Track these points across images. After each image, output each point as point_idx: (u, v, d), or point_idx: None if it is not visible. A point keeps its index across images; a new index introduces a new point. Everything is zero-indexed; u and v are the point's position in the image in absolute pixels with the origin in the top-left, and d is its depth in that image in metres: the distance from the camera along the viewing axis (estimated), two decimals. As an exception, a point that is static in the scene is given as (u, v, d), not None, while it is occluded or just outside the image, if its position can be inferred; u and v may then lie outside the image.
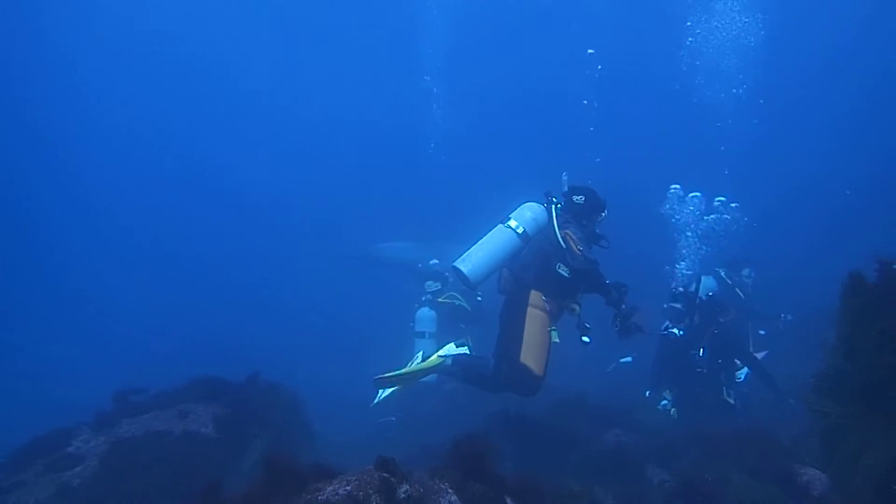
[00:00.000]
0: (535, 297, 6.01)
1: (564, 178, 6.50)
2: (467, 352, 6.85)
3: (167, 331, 17.72)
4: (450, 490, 3.49)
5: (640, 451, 6.22)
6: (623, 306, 5.91)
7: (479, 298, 9.51)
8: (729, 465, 5.12)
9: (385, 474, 3.32)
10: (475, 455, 3.79)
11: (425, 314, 9.52)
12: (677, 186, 10.28)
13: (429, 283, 9.96)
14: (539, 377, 5.85)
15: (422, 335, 9.32)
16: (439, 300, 9.72)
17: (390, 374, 6.56)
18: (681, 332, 7.83)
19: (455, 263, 6.18)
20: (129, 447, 5.61)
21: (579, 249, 5.90)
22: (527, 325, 5.93)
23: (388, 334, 10.47)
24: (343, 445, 7.66)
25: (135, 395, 6.64)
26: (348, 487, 3.20)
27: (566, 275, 5.96)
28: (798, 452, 5.16)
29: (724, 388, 7.68)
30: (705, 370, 7.67)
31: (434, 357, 6.81)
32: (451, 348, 6.92)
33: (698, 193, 10.18)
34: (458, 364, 6.53)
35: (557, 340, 6.12)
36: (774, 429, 5.94)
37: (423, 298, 9.78)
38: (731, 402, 7.59)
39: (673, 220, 10.14)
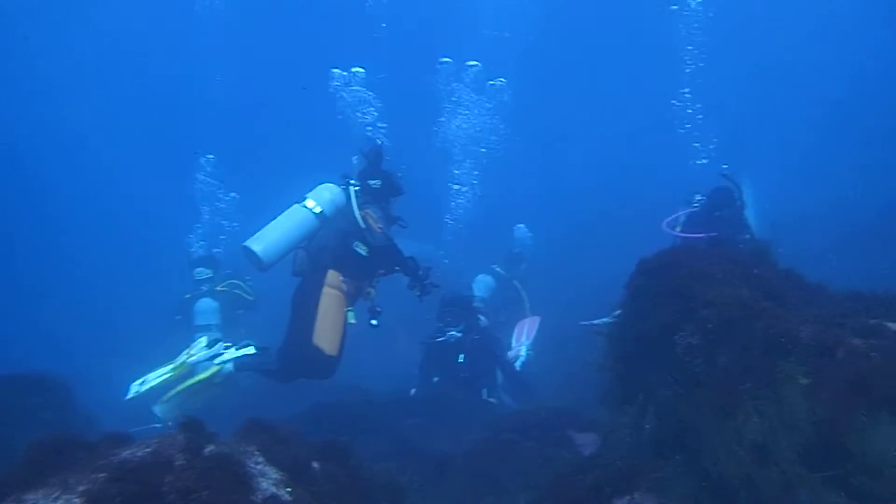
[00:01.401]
0: (332, 276, 6.00)
1: (355, 161, 6.58)
2: (252, 352, 6.44)
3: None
4: (257, 452, 3.43)
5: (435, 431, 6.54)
6: (419, 272, 6.14)
7: (248, 281, 9.20)
8: (513, 435, 5.61)
9: (190, 435, 3.19)
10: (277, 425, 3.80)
11: (207, 305, 8.87)
12: None
13: (199, 270, 9.24)
14: (333, 357, 5.83)
15: (207, 328, 8.63)
16: (217, 288, 9.09)
17: (167, 391, 6.10)
18: (459, 334, 7.87)
19: (246, 243, 5.89)
20: None
21: (379, 228, 6.02)
22: (321, 305, 5.89)
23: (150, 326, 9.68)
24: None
25: None
26: (148, 449, 3.03)
27: (364, 253, 6.02)
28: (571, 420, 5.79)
29: (486, 389, 7.88)
30: (467, 374, 7.80)
31: (212, 368, 6.32)
32: (231, 353, 6.41)
33: None
34: (240, 367, 6.23)
35: (354, 321, 6.19)
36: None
37: (204, 288, 9.07)
38: (493, 401, 7.83)
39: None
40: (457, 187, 13.21)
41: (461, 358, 7.71)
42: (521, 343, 9.00)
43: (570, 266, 13.76)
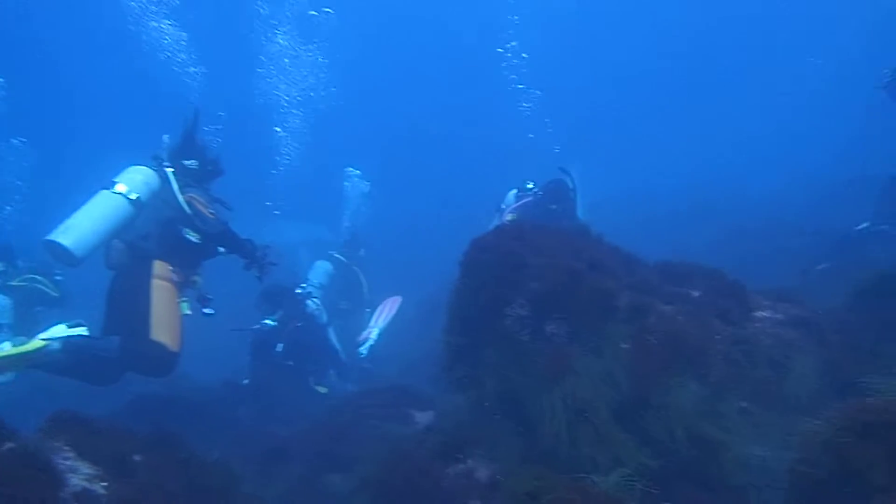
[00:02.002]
0: (159, 267, 5.48)
1: (166, 139, 6.11)
2: (85, 333, 5.83)
3: None
4: (66, 447, 3.12)
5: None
6: (258, 252, 5.93)
7: (58, 278, 8.30)
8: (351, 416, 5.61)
9: (-17, 432, 2.82)
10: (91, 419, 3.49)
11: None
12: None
13: None
14: (175, 353, 5.42)
15: None
16: (12, 283, 8.07)
17: None
18: (273, 323, 7.65)
19: (50, 237, 5.20)
20: None
21: (211, 213, 5.69)
22: (154, 299, 5.37)
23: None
24: None
25: None
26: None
27: (196, 240, 5.62)
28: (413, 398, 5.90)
29: (313, 377, 7.72)
30: (292, 363, 7.60)
31: (36, 341, 5.61)
32: (60, 329, 5.78)
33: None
34: (69, 348, 5.54)
35: (189, 312, 5.82)
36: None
37: None
38: (322, 390, 7.67)
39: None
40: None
41: (279, 347, 7.49)
42: (375, 325, 8.89)
43: (408, 248, 13.92)
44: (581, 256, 3.96)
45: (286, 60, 14.30)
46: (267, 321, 7.56)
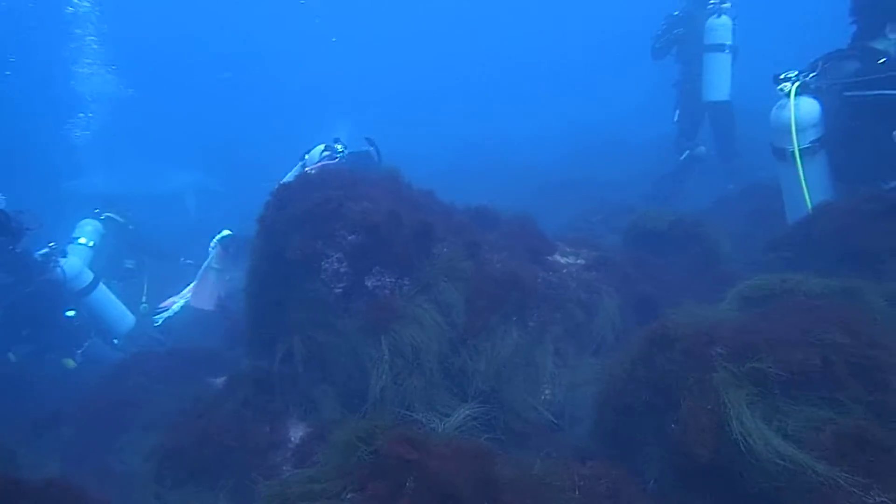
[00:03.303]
0: None
1: None
2: None
3: None
4: None
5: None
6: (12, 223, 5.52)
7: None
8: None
9: None
10: None
11: None
12: None
13: None
14: None
15: None
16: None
17: None
18: None
19: None
20: None
21: None
22: None
23: None
24: None
25: None
26: None
27: None
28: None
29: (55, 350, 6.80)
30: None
31: None
32: None
33: None
34: None
35: None
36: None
37: None
38: (71, 365, 6.73)
39: None
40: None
41: None
42: (181, 297, 7.86)
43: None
44: (401, 199, 3.81)
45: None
46: None
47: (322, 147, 7.00)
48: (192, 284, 7.65)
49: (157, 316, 7.51)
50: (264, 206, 4.03)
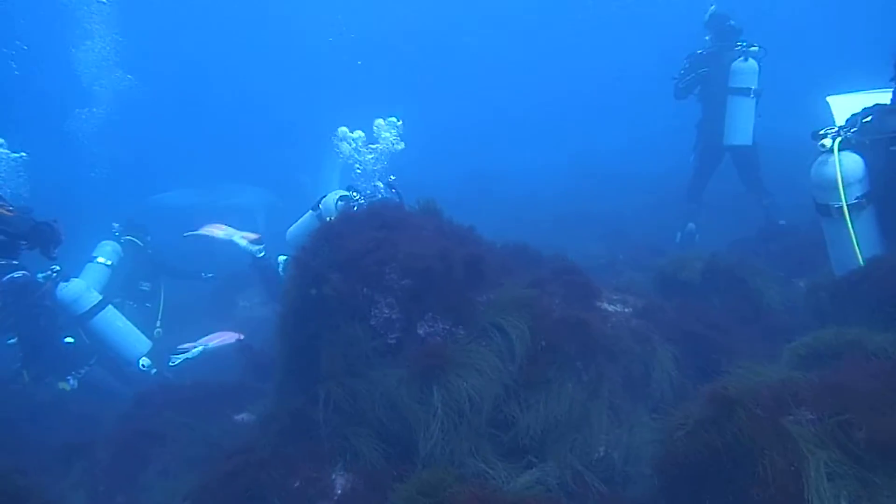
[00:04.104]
0: None
1: None
2: None
3: None
4: None
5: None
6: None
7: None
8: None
9: None
10: None
11: None
12: None
13: None
14: None
15: None
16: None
17: None
18: None
19: None
20: None
21: (10, 211, 5.61)
22: None
23: None
24: None
25: None
26: None
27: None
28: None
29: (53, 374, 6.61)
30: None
31: None
32: None
33: None
34: None
35: None
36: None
37: None
38: (66, 387, 6.58)
39: None
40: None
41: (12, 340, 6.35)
42: (202, 344, 7.57)
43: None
44: (448, 235, 3.71)
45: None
46: None
47: (336, 196, 6.58)
48: (204, 338, 7.41)
49: (176, 356, 7.23)
50: (303, 248, 3.94)
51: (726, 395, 2.64)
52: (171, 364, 7.05)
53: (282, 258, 7.36)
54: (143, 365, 6.98)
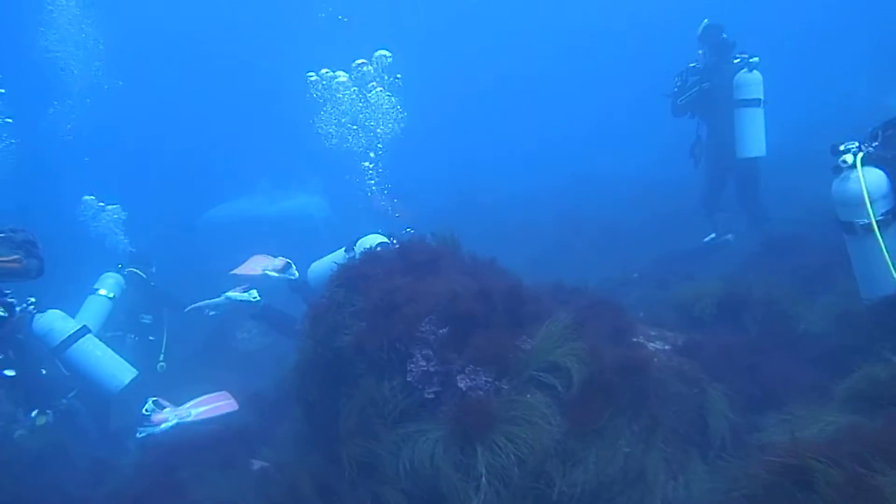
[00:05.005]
0: None
1: None
2: None
3: None
4: None
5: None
6: None
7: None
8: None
9: None
10: None
11: None
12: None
13: None
14: None
15: None
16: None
17: None
18: None
19: None
20: None
21: (15, 261, 5.32)
22: None
23: None
24: None
25: None
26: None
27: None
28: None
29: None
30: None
31: None
32: None
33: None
34: None
35: None
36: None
37: None
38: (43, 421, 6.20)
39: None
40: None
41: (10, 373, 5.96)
42: (187, 414, 7.09)
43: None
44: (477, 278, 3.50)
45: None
46: None
47: (376, 242, 6.02)
48: (194, 401, 6.96)
49: (143, 429, 6.74)
50: (327, 287, 3.73)
51: (801, 463, 2.44)
52: (137, 435, 6.39)
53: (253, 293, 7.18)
54: (146, 410, 6.55)
